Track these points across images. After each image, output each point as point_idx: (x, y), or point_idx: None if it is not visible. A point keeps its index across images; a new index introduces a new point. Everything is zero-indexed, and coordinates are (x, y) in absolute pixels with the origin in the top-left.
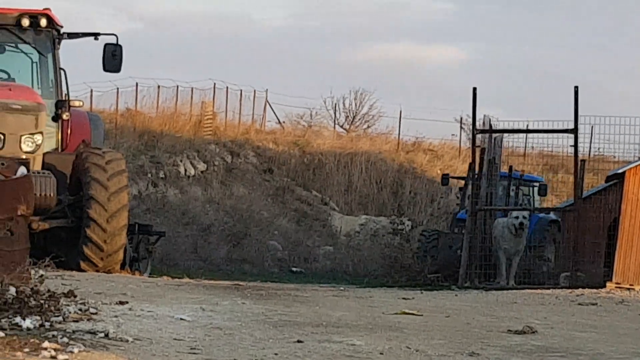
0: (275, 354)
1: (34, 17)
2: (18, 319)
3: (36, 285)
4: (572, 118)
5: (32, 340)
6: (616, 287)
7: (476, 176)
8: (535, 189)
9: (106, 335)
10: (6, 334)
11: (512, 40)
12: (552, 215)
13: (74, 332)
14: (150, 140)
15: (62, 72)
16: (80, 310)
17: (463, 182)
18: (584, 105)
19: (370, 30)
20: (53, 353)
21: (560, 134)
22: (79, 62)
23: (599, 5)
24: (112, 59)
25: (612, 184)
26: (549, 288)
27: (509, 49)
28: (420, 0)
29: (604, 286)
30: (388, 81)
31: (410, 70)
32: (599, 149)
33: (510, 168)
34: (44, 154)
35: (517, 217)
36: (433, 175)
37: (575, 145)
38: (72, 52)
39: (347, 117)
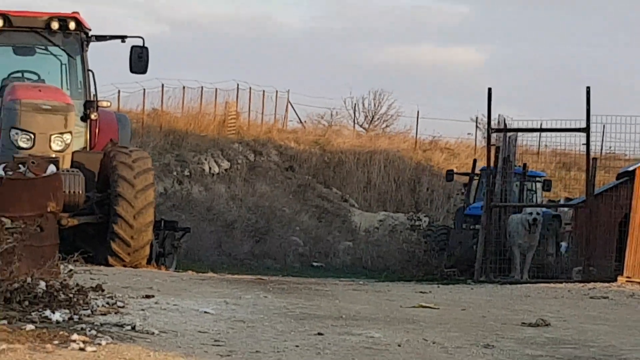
0: (297, 346)
1: (63, 20)
2: (48, 312)
3: (65, 280)
4: (585, 117)
5: (61, 332)
6: (627, 281)
7: (491, 174)
8: (539, 184)
9: (133, 328)
10: (36, 327)
11: (527, 41)
12: (552, 210)
13: (101, 324)
14: (175, 140)
15: (90, 73)
16: (107, 303)
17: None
18: (597, 104)
19: (390, 32)
20: (82, 345)
21: (573, 133)
22: (106, 63)
23: (614, 3)
24: (139, 60)
25: (623, 181)
26: (561, 282)
27: (524, 49)
28: (438, 4)
29: (615, 280)
30: (406, 82)
31: (428, 71)
32: (610, 147)
33: (524, 165)
34: (73, 153)
35: (531, 214)
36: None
37: (587, 144)
38: (99, 54)
39: (366, 116)
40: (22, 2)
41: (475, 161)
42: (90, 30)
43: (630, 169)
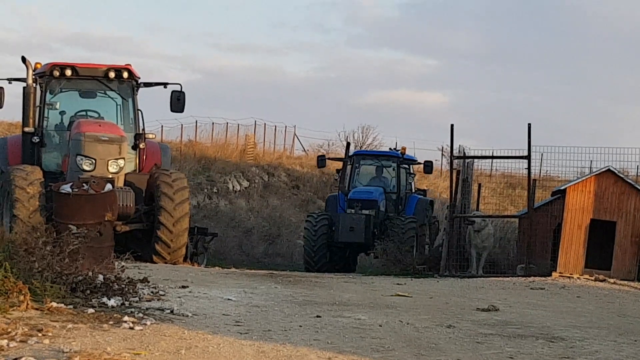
0: (300, 326)
1: (118, 70)
2: (105, 299)
3: (119, 274)
4: (527, 147)
5: (115, 315)
6: (559, 275)
7: (454, 192)
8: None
9: (172, 312)
10: (96, 310)
11: (482, 88)
12: (429, 197)
13: (147, 309)
14: (206, 164)
15: (139, 112)
16: (152, 292)
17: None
18: (536, 137)
19: (374, 80)
20: (131, 325)
21: (518, 159)
22: (152, 104)
23: (551, 59)
24: (178, 102)
25: (556, 197)
26: (508, 276)
27: (480, 94)
28: (413, 58)
29: (550, 275)
30: (387, 119)
31: (404, 111)
32: (547, 170)
33: (480, 186)
34: (126, 174)
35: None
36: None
37: (529, 168)
38: (147, 96)
39: (355, 146)
40: (85, 55)
41: (348, 144)
42: (139, 78)
43: (562, 188)
